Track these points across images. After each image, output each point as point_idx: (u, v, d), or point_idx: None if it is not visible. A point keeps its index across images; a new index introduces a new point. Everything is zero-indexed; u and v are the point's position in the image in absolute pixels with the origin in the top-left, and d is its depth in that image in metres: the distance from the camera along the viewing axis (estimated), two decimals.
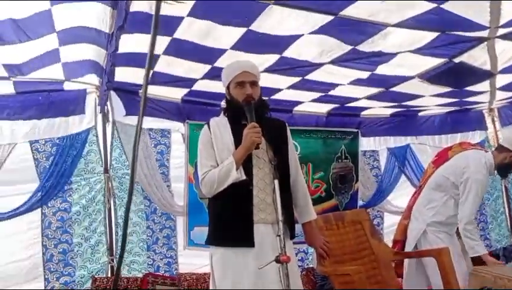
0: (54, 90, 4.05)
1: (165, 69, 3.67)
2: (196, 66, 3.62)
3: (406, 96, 4.57)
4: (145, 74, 1.21)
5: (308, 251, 5.20)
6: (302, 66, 3.69)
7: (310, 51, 3.39)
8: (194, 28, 2.96)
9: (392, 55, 3.46)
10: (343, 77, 3.95)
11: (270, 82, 3.97)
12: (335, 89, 4.31)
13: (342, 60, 3.54)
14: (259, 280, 2.17)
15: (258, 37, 3.04)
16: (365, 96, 4.58)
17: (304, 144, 5.11)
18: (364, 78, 3.94)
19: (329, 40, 3.18)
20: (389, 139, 5.70)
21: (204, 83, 4.05)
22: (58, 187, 4.12)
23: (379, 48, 3.30)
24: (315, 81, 4.04)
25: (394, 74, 3.88)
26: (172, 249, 4.62)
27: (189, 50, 3.29)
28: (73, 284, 4.15)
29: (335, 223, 3.12)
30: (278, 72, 3.79)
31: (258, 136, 2.22)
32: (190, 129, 4.57)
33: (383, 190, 5.56)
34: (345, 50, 3.34)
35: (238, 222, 2.26)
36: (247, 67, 2.41)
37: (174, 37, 3.07)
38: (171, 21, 2.83)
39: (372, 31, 3.04)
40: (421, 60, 3.56)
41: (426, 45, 3.26)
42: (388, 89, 4.29)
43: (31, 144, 4.10)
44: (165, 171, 4.61)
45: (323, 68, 3.71)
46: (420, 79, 3.95)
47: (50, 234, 4.14)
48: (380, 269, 3.05)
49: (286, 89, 4.29)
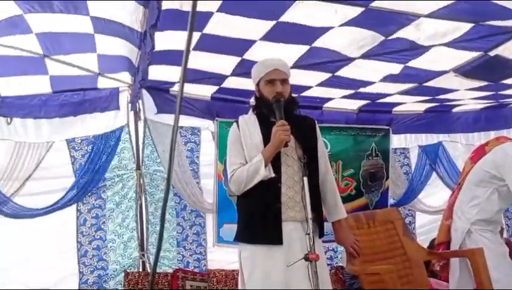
0: (88, 89, 4.16)
1: (195, 66, 3.68)
2: (226, 59, 3.61)
3: (440, 91, 4.44)
4: (182, 71, 1.22)
5: (337, 249, 5.15)
6: (332, 61, 3.62)
7: (340, 42, 3.31)
8: (223, 22, 2.96)
9: (425, 49, 3.36)
10: (375, 72, 3.87)
11: (300, 79, 3.93)
12: (366, 87, 4.24)
13: (374, 54, 3.45)
14: (288, 277, 2.17)
15: (287, 28, 3.00)
16: (397, 91, 4.48)
17: (334, 141, 5.06)
18: (397, 73, 3.86)
19: (360, 31, 3.10)
20: (420, 137, 5.58)
21: (233, 80, 4.05)
22: (92, 184, 4.24)
23: (411, 39, 3.20)
24: (346, 78, 3.97)
25: (428, 68, 3.76)
26: (202, 246, 4.67)
27: (218, 44, 3.28)
28: (106, 277, 4.27)
29: (366, 222, 3.08)
30: (308, 68, 3.74)
31: (287, 134, 2.22)
32: (219, 127, 4.61)
33: (414, 188, 5.46)
34: (376, 42, 3.25)
35: (266, 220, 2.27)
36: (278, 65, 2.41)
37: (204, 32, 3.08)
38: (201, 16, 2.84)
39: (403, 22, 2.95)
40: (456, 53, 3.44)
41: (460, 37, 3.16)
42: (421, 84, 4.19)
43: (68, 142, 4.23)
44: (194, 169, 4.67)
45: (354, 63, 3.64)
46: (455, 73, 3.85)
47: (85, 231, 4.26)
48: (412, 269, 3.00)
49: (316, 86, 4.25)
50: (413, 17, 2.87)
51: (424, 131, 5.51)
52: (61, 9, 2.87)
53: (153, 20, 2.58)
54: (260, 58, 3.49)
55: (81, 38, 3.28)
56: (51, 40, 3.30)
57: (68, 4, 2.81)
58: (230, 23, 2.97)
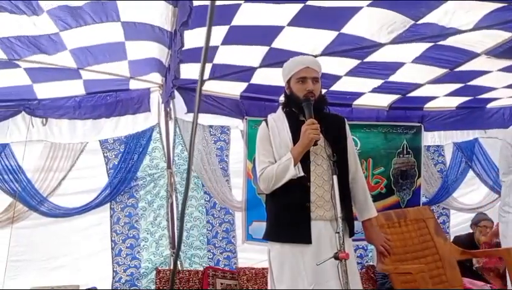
0: (120, 90, 4.26)
1: (224, 60, 3.70)
2: (254, 50, 3.60)
3: (471, 74, 4.27)
4: (201, 66, 1.22)
5: (367, 247, 5.10)
6: (361, 47, 3.55)
7: (369, 28, 3.26)
8: (250, 12, 2.95)
9: (456, 32, 3.25)
10: (405, 56, 3.79)
11: (329, 68, 3.86)
12: (396, 72, 4.11)
13: (402, 39, 3.37)
14: (318, 276, 2.16)
15: (315, 11, 2.96)
16: (428, 80, 4.34)
17: (364, 138, 5.01)
18: (428, 55, 3.74)
19: (389, 13, 3.04)
20: (454, 134, 5.45)
21: (262, 73, 4.04)
22: (125, 183, 4.34)
23: (442, 24, 3.12)
24: (375, 62, 3.87)
25: (458, 52, 3.66)
26: (232, 244, 4.71)
27: (246, 34, 3.28)
28: (139, 275, 4.36)
29: (397, 220, 3.03)
30: (336, 54, 3.67)
31: (317, 132, 2.20)
32: (248, 125, 4.64)
33: (448, 186, 5.33)
34: (406, 26, 3.18)
35: (295, 219, 2.26)
36: (310, 63, 2.39)
37: (232, 24, 3.08)
38: (228, 9, 2.85)
39: (432, 4, 2.89)
40: (486, 35, 3.34)
41: (491, 19, 3.05)
42: (453, 70, 4.05)
43: (101, 143, 4.34)
44: (224, 167, 4.71)
45: (383, 49, 3.56)
46: (487, 56, 3.72)
47: (118, 230, 4.37)
48: (444, 268, 2.93)
49: (345, 76, 4.17)
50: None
51: (458, 128, 5.38)
52: (94, 18, 2.97)
53: (183, 17, 2.58)
54: (288, 46, 3.47)
55: (112, 48, 3.39)
56: (85, 54, 3.46)
57: (99, 12, 2.89)
58: (257, 11, 2.95)
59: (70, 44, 3.28)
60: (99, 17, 2.97)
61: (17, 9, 2.77)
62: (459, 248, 3.22)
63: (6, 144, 3.99)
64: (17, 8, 2.75)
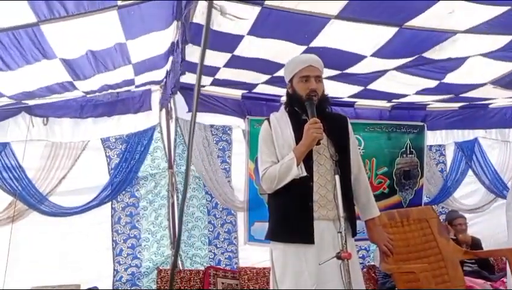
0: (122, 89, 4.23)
1: (226, 77, 3.75)
2: (255, 75, 3.67)
3: (476, 99, 4.31)
4: (196, 85, 1.22)
5: (369, 248, 5.09)
6: (366, 73, 3.55)
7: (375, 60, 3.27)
8: (254, 45, 2.96)
9: (462, 60, 3.25)
10: (409, 86, 3.79)
11: (331, 89, 3.91)
12: (399, 99, 4.16)
13: (408, 66, 3.36)
14: (320, 276, 2.15)
15: (318, 52, 2.91)
16: (432, 100, 4.37)
17: (367, 138, 4.97)
18: (432, 86, 3.76)
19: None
20: (456, 133, 5.44)
21: (265, 86, 4.09)
22: (126, 182, 4.32)
23: (447, 55, 3.11)
24: (378, 91, 3.90)
25: (464, 82, 3.67)
26: (233, 244, 4.69)
27: (249, 64, 3.31)
28: (140, 274, 4.35)
29: (400, 220, 3.02)
30: (340, 80, 3.69)
31: (320, 132, 2.19)
32: (250, 125, 4.62)
33: (449, 186, 5.33)
34: (411, 58, 3.18)
35: (297, 218, 2.25)
36: (313, 62, 2.38)
37: (234, 54, 3.10)
38: (232, 39, 2.85)
39: (440, 39, 2.87)
40: (493, 65, 3.33)
41: (498, 50, 3.03)
42: (458, 95, 4.06)
43: (103, 141, 4.33)
44: (226, 167, 4.69)
45: (387, 75, 3.56)
46: (493, 85, 3.70)
47: (120, 230, 4.35)
48: (447, 268, 2.93)
49: (348, 98, 4.22)
50: (451, 33, 2.78)
51: (460, 127, 5.38)
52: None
53: (182, 33, 2.59)
54: None
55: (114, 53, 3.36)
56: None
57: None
58: (261, 45, 2.96)
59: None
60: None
61: None
62: (461, 248, 3.21)
63: (6, 143, 3.97)
64: None
